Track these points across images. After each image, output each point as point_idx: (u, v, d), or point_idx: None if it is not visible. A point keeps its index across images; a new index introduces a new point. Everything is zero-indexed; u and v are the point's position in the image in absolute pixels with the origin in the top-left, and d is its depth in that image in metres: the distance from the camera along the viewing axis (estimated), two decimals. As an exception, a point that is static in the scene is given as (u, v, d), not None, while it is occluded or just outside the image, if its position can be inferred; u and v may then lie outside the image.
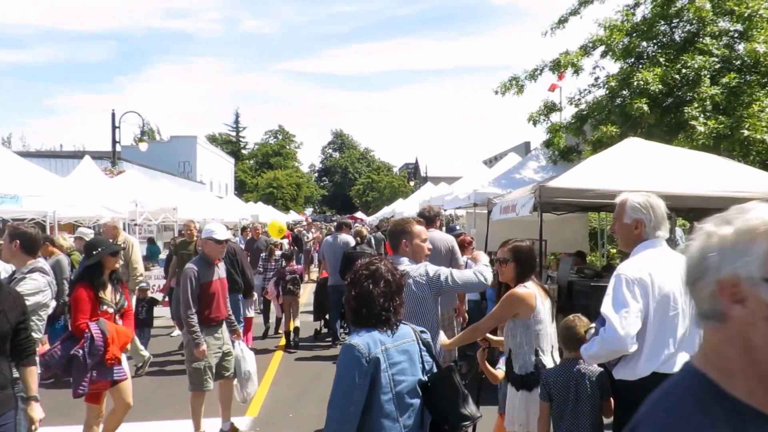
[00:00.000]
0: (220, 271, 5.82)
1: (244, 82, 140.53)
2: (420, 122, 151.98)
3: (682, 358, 2.99)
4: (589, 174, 7.14)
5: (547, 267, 9.69)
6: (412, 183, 60.12)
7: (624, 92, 11.08)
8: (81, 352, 4.49)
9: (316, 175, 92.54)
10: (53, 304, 7.55)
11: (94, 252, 4.76)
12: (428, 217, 6.35)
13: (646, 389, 2.84)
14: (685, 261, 1.19)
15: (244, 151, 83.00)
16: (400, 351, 2.71)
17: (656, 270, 2.99)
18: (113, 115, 21.51)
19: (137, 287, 8.13)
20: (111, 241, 8.07)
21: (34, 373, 3.67)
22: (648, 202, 3.17)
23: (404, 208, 25.84)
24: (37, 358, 4.10)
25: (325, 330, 10.77)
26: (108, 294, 4.80)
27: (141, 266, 8.04)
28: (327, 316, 10.60)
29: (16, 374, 3.61)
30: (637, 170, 7.11)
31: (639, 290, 2.94)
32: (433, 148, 76.09)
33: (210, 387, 5.63)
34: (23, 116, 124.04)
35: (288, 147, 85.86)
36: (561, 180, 7.21)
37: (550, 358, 3.86)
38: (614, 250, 14.69)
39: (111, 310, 4.79)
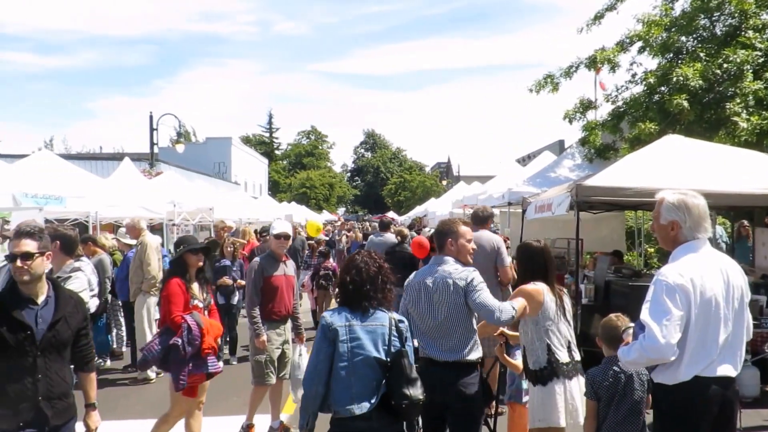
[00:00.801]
0: (287, 268, 5.87)
1: (277, 83, 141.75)
2: (452, 121, 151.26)
3: (724, 364, 2.95)
4: (627, 172, 7.04)
5: (583, 266, 9.57)
6: (444, 182, 59.92)
7: (662, 88, 10.88)
8: (180, 341, 4.53)
9: (349, 174, 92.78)
10: (95, 301, 7.78)
11: (178, 249, 4.92)
12: (482, 218, 6.57)
13: (686, 393, 2.85)
14: None
15: (277, 152, 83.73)
16: (366, 330, 3.24)
17: (698, 274, 2.91)
18: (151, 117, 21.95)
19: (151, 290, 8.05)
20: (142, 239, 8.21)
21: (93, 380, 3.59)
22: (683, 202, 3.03)
23: (437, 207, 25.78)
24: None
25: None
26: (195, 291, 4.88)
27: (155, 266, 7.98)
28: None
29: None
30: (677, 168, 6.99)
31: (680, 297, 2.85)
32: (465, 147, 75.60)
33: (272, 381, 5.72)
34: (64, 119, 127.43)
35: (320, 147, 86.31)
36: (598, 178, 7.12)
37: (565, 354, 3.93)
38: (652, 249, 14.42)
39: (201, 305, 4.88)
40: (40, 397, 3.16)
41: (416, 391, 3.19)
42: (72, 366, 3.47)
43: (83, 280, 4.59)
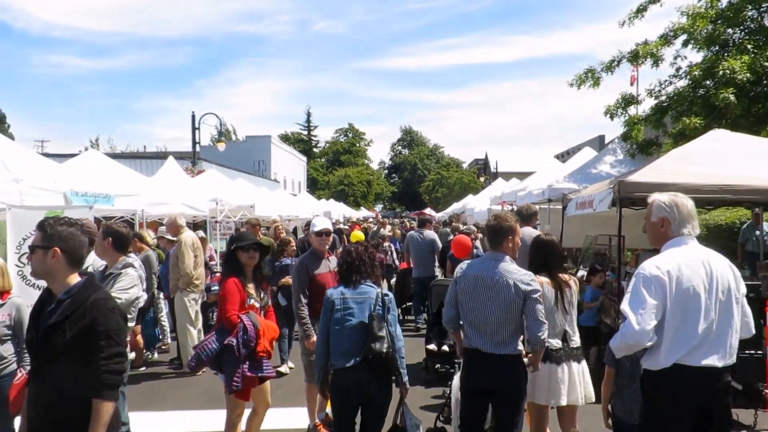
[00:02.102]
0: (331, 263, 5.78)
1: (315, 81, 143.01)
2: (489, 117, 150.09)
3: (709, 354, 3.10)
4: (672, 168, 6.90)
5: (625, 263, 9.43)
6: (482, 179, 59.51)
7: (708, 82, 10.62)
8: (234, 341, 4.39)
9: (386, 171, 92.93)
10: (144, 296, 8.01)
11: (232, 247, 4.81)
12: (526, 215, 6.79)
13: (668, 379, 3.05)
14: None
15: (315, 150, 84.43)
16: (356, 301, 4.09)
17: (676, 266, 3.13)
18: (193, 117, 22.45)
19: (188, 287, 8.15)
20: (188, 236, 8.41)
21: (98, 411, 2.74)
22: (673, 201, 3.33)
23: (475, 203, 25.63)
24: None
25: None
26: (252, 290, 4.74)
27: (189, 264, 8.08)
28: (409, 303, 11.43)
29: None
30: (723, 163, 6.83)
31: (656, 287, 3.08)
32: (502, 144, 75.01)
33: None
34: (110, 120, 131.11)
35: (358, 144, 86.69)
36: (642, 174, 7.00)
37: (557, 341, 4.30)
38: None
39: (257, 305, 4.74)
40: (33, 412, 2.87)
41: (380, 347, 3.94)
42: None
43: (134, 276, 4.70)
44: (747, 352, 5.92)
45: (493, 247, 4.08)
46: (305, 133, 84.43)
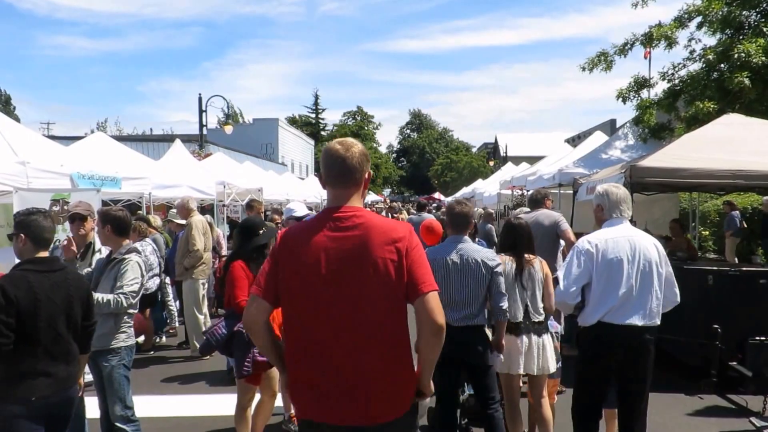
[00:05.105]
0: None
1: (323, 64, 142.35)
2: (499, 101, 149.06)
3: (631, 314, 3.74)
4: (685, 152, 6.81)
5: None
6: (491, 163, 59.26)
7: (722, 65, 10.45)
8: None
9: (394, 155, 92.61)
10: (156, 280, 8.02)
11: (261, 231, 4.67)
12: (537, 199, 7.07)
13: (594, 334, 3.90)
14: None
15: (323, 133, 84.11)
16: None
17: (603, 241, 3.83)
18: (200, 99, 22.33)
19: (197, 261, 8.15)
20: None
21: None
22: (605, 190, 4.03)
23: (485, 188, 25.53)
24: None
25: None
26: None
27: (200, 246, 8.02)
28: None
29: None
30: (736, 148, 6.74)
31: (584, 258, 3.83)
32: (513, 127, 74.50)
33: None
34: (117, 102, 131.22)
35: (366, 128, 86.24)
36: (654, 159, 6.92)
37: (520, 314, 4.57)
38: (706, 232, 13.98)
39: None
40: None
41: None
42: None
43: (136, 264, 4.51)
44: (758, 338, 5.87)
45: (458, 231, 4.40)
46: (313, 116, 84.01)
